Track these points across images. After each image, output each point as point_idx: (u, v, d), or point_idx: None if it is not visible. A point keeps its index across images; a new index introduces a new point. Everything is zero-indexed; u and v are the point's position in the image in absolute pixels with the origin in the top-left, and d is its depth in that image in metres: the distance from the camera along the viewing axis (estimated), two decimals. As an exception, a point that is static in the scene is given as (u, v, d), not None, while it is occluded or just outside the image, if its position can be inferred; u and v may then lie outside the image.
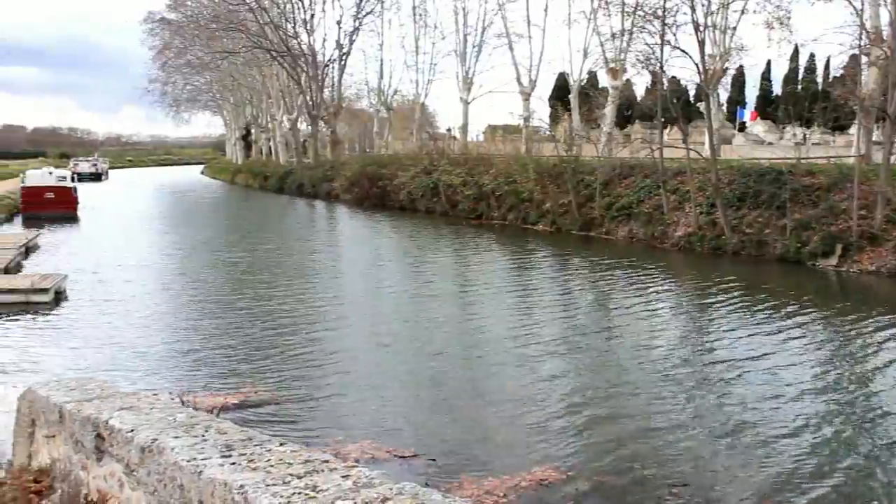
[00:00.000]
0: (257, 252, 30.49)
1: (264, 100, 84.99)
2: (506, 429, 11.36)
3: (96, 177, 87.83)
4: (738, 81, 62.49)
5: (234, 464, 3.83)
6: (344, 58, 66.97)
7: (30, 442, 6.37)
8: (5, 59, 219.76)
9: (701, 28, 31.91)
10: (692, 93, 54.77)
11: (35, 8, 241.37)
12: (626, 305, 20.26)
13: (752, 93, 65.02)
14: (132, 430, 4.65)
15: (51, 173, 48.64)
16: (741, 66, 53.85)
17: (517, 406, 12.17)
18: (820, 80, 60.65)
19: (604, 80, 50.63)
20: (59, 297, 20.77)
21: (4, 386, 12.92)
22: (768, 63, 60.84)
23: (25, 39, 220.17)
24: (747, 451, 10.29)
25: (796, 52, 58.22)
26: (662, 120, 37.54)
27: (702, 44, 31.77)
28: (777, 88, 65.04)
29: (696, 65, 31.92)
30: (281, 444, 4.19)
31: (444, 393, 13.01)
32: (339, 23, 65.60)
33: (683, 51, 32.16)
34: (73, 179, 48.82)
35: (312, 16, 66.79)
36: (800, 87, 62.20)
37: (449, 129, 71.34)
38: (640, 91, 61.12)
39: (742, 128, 58.08)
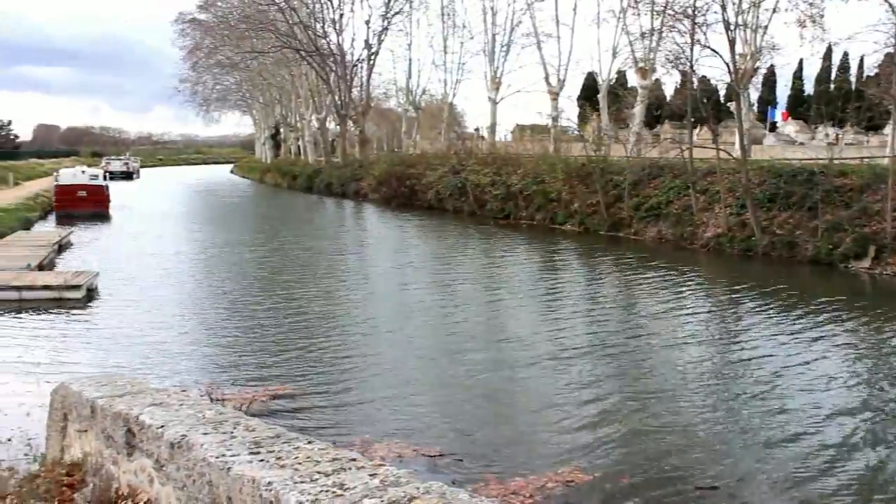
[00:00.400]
0: (286, 251, 30.67)
1: (293, 99, 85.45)
2: (533, 430, 11.33)
3: (128, 175, 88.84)
4: (770, 81, 61.94)
5: (262, 461, 3.85)
6: (372, 57, 67.21)
7: (62, 436, 6.46)
8: (41, 60, 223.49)
9: (732, 27, 31.60)
10: (722, 92, 54.21)
11: (69, 8, 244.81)
12: (656, 308, 20.08)
13: (783, 92, 64.35)
14: (162, 426, 4.70)
15: (83, 172, 49.31)
16: (772, 66, 53.38)
17: (545, 407, 12.14)
18: (853, 79, 59.85)
19: (633, 79, 50.33)
20: (91, 294, 21.05)
21: (38, 381, 13.10)
22: (800, 62, 60.09)
23: (61, 40, 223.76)
24: (781, 459, 10.14)
25: (829, 50, 57.53)
26: (692, 120, 37.21)
27: (732, 43, 31.45)
28: (809, 88, 64.30)
29: (727, 64, 31.63)
30: (309, 442, 4.21)
31: (472, 393, 13.00)
32: (367, 22, 65.86)
33: (714, 50, 31.88)
34: (105, 178, 49.44)
35: (341, 15, 67.13)
36: (833, 86, 61.43)
37: (477, 129, 71.38)
38: (669, 90, 60.67)
39: (773, 128, 57.50)
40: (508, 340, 16.72)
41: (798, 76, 62.45)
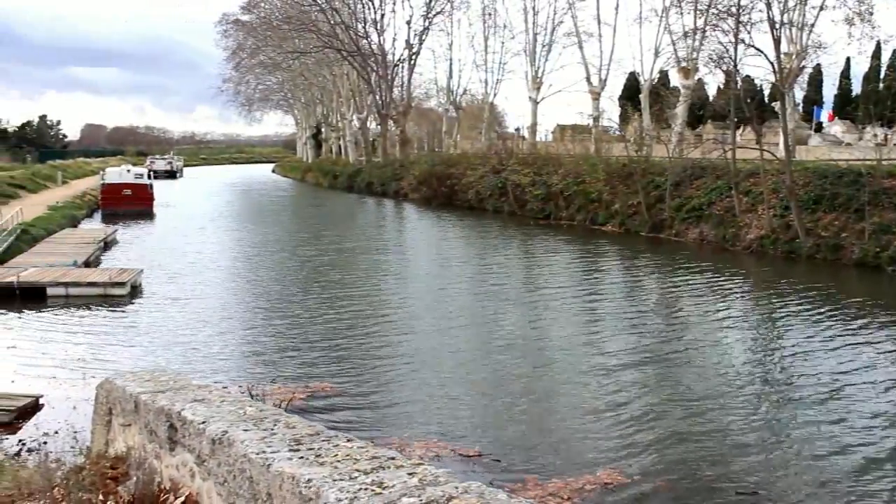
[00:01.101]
0: (327, 251, 30.86)
1: (334, 99, 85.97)
2: (572, 432, 11.27)
3: (171, 174, 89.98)
4: (815, 80, 60.78)
5: (302, 458, 3.88)
6: (413, 57, 67.42)
7: (107, 430, 6.57)
8: (89, 61, 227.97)
9: (777, 25, 31.13)
10: (767, 92, 53.37)
11: (116, 10, 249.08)
12: (700, 312, 19.77)
13: (830, 91, 63.13)
14: (203, 422, 4.76)
15: (129, 171, 50.17)
16: (818, 65, 52.38)
17: (584, 409, 12.07)
18: (904, 77, 58.44)
19: (675, 79, 49.81)
20: (135, 290, 21.41)
21: (84, 376, 13.36)
22: (847, 60, 58.79)
23: (108, 41, 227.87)
24: (827, 468, 9.93)
25: (878, 48, 56.23)
26: (735, 120, 36.69)
27: (777, 42, 30.98)
28: (857, 87, 62.96)
29: (771, 63, 31.16)
30: (348, 440, 4.23)
31: (511, 395, 12.96)
32: (408, 23, 66.13)
33: (758, 49, 31.41)
34: (149, 177, 50.19)
35: (382, 16, 67.46)
36: (882, 85, 60.09)
37: (517, 129, 71.19)
38: (712, 90, 59.92)
39: (818, 128, 56.44)
40: (548, 343, 16.66)
41: (845, 75, 61.22)
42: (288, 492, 3.64)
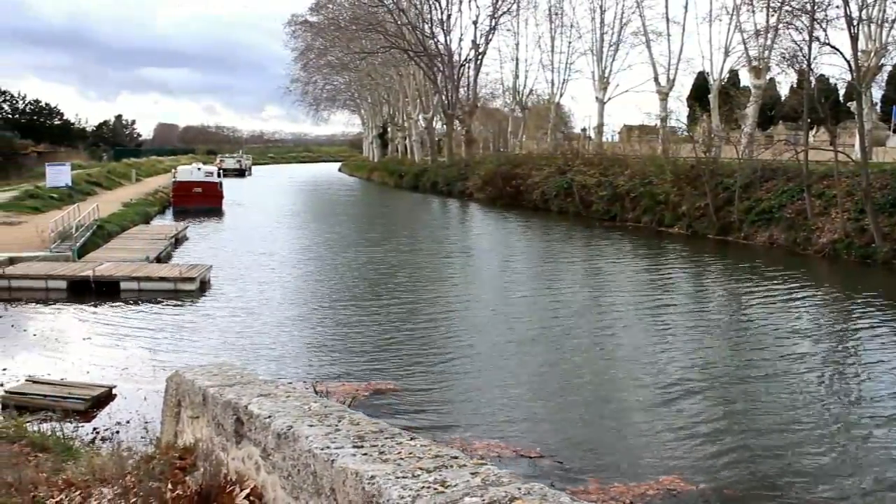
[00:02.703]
0: (393, 251, 31.03)
1: (401, 99, 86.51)
2: (636, 437, 11.13)
3: (240, 173, 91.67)
4: (895, 79, 58.82)
5: (365, 454, 3.91)
6: (479, 57, 67.42)
7: (176, 421, 6.72)
8: (162, 62, 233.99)
9: (854, 22, 30.15)
10: (842, 91, 51.84)
11: (187, 11, 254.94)
12: (773, 319, 19.04)
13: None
14: (269, 417, 4.82)
15: (199, 169, 51.32)
16: (899, 63, 50.66)
17: (648, 416, 11.90)
18: None
19: (746, 78, 48.79)
20: (204, 286, 21.90)
21: (154, 368, 13.71)
22: (930, 59, 56.79)
23: (180, 42, 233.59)
24: None
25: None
26: (808, 121, 35.73)
27: (854, 39, 30.00)
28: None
29: (848, 62, 30.17)
30: (411, 438, 4.24)
31: (575, 399, 12.86)
32: (475, 23, 66.16)
33: (834, 47, 30.44)
34: (219, 175, 51.19)
35: (449, 16, 67.70)
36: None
37: (584, 129, 70.65)
38: (784, 90, 58.48)
39: (897, 129, 54.60)
40: (615, 347, 16.47)
41: (928, 74, 59.11)
42: (351, 488, 3.66)
